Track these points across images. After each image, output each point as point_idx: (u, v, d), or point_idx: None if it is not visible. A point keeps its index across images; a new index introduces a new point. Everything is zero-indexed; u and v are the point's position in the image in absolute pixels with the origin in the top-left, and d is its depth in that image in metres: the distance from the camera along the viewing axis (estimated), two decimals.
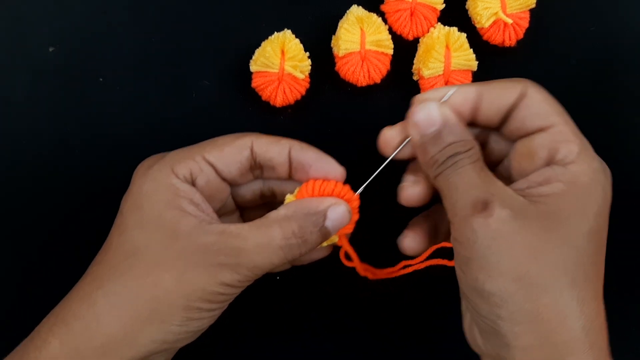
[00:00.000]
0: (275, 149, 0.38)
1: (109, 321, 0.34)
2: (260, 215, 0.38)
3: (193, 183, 0.37)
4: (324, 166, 0.38)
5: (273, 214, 0.36)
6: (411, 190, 0.37)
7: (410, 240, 0.38)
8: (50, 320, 0.35)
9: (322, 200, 0.37)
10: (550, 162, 0.34)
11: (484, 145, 0.38)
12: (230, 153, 0.37)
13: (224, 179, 0.38)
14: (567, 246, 0.32)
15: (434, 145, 0.35)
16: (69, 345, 0.34)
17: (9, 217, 0.45)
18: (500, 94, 0.35)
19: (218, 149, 0.37)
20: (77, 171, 0.45)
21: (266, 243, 0.35)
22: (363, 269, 0.40)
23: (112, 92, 0.46)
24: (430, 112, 0.35)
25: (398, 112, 0.46)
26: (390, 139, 0.38)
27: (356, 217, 0.39)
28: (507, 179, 0.36)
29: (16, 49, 0.46)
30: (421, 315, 0.44)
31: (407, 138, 0.37)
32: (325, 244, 0.38)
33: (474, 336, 0.35)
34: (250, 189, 0.40)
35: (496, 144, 0.38)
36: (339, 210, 0.37)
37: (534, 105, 0.35)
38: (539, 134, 0.35)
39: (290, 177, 0.39)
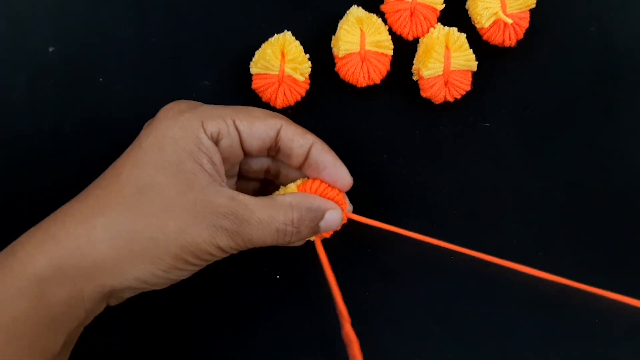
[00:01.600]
0: (299, 141, 0.39)
1: (104, 248, 0.35)
2: (252, 188, 0.43)
3: (217, 142, 0.38)
4: (337, 173, 0.40)
5: (280, 198, 0.38)
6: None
7: None
8: (37, 236, 0.36)
9: (325, 202, 0.39)
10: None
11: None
12: (260, 128, 0.38)
13: (242, 148, 0.39)
14: None
15: None
16: (56, 263, 0.35)
17: (9, 217, 0.45)
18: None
19: (249, 120, 0.38)
20: (77, 171, 0.45)
21: (267, 222, 0.37)
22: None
23: (112, 92, 0.46)
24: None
25: (398, 112, 0.46)
26: None
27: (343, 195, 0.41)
28: None
29: (16, 49, 0.46)
30: (421, 316, 0.44)
31: None
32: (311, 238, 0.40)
33: None
34: (260, 162, 0.42)
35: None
36: (335, 215, 0.39)
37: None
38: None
39: (299, 168, 0.40)
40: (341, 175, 0.40)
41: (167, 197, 0.35)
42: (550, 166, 0.46)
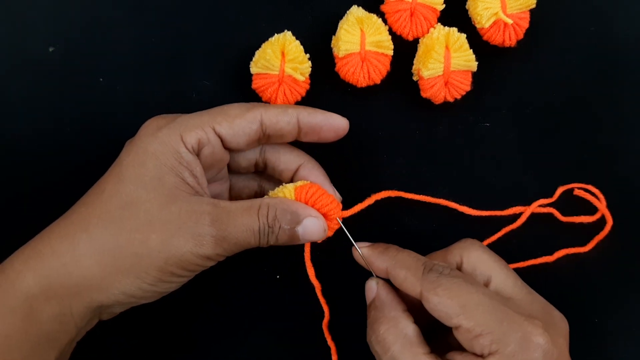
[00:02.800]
0: (284, 119, 0.39)
1: (89, 264, 0.35)
2: (248, 192, 0.43)
3: (198, 152, 0.38)
4: (333, 124, 0.40)
5: (258, 200, 0.38)
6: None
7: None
8: (25, 253, 0.36)
9: (305, 209, 0.39)
10: (475, 353, 0.35)
11: None
12: (241, 126, 0.38)
13: (229, 148, 0.39)
14: None
15: (371, 310, 0.39)
16: (43, 280, 0.35)
17: (9, 217, 0.45)
18: (403, 285, 0.38)
19: (229, 122, 0.38)
20: (77, 171, 0.45)
21: (249, 224, 0.37)
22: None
23: (112, 92, 0.46)
24: (369, 287, 0.40)
25: (398, 112, 0.46)
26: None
27: (336, 226, 0.41)
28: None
29: (16, 49, 0.46)
30: None
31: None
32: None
33: None
34: (246, 158, 0.42)
35: None
36: (315, 224, 0.39)
37: (434, 309, 0.36)
38: (455, 330, 0.36)
39: (298, 139, 0.41)
40: (338, 123, 0.41)
41: (149, 212, 0.36)
42: (550, 166, 0.46)
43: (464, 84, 0.44)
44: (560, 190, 0.45)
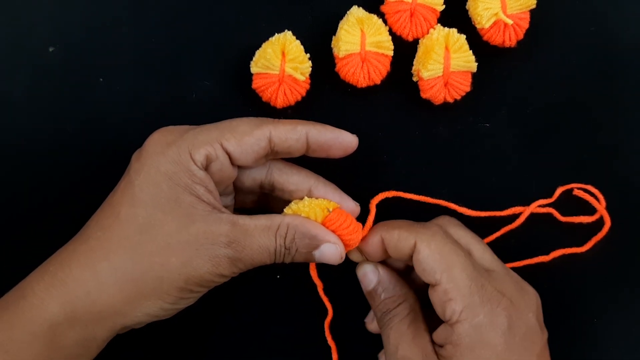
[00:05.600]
0: (293, 137, 0.39)
1: (113, 292, 0.36)
2: (251, 200, 0.43)
3: (207, 167, 0.38)
4: (343, 142, 0.40)
5: (278, 218, 0.38)
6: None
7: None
8: (45, 280, 0.36)
9: (326, 234, 0.38)
10: (444, 319, 0.37)
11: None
12: (249, 143, 0.38)
13: (236, 165, 0.39)
14: None
15: (373, 300, 0.40)
16: (67, 308, 0.36)
17: (9, 217, 0.45)
18: (396, 245, 0.38)
19: (237, 139, 0.38)
20: (77, 171, 0.46)
21: (266, 245, 0.37)
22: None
23: (112, 92, 0.46)
24: (367, 272, 0.41)
25: (398, 113, 0.46)
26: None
27: (358, 234, 0.40)
28: None
29: (16, 49, 0.46)
30: None
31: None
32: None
33: None
34: (251, 177, 0.41)
35: None
36: (333, 250, 0.38)
37: (422, 261, 0.37)
38: (432, 289, 0.37)
39: (305, 155, 0.41)
40: (348, 141, 0.40)
41: (168, 234, 0.36)
42: (550, 166, 0.46)
43: (464, 84, 0.44)
44: (559, 190, 0.45)
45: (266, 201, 0.43)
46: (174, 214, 0.36)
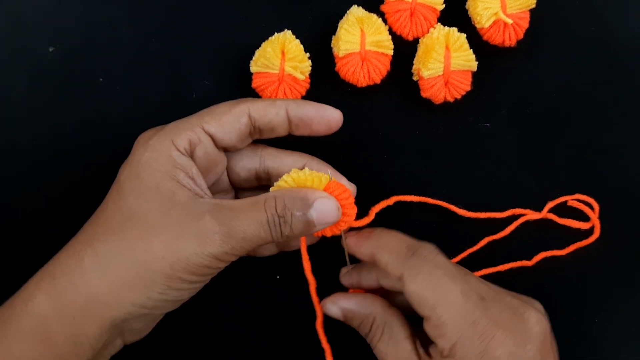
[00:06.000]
0: (272, 111, 0.39)
1: (95, 280, 0.35)
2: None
3: (192, 154, 0.38)
4: (324, 116, 0.40)
5: (263, 195, 0.37)
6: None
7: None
8: (38, 276, 0.36)
9: (313, 192, 0.37)
10: (438, 348, 0.36)
11: None
12: (229, 122, 0.38)
13: (222, 148, 0.39)
14: None
15: (352, 322, 0.40)
16: (55, 300, 0.35)
17: (9, 217, 0.45)
18: (386, 268, 0.38)
19: (217, 119, 0.38)
20: (76, 171, 0.46)
21: (255, 216, 0.36)
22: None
23: (112, 92, 0.46)
24: (329, 307, 0.41)
25: (398, 112, 0.46)
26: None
27: (354, 210, 0.39)
28: None
29: (16, 49, 0.46)
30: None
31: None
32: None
33: None
34: (246, 168, 0.41)
35: None
36: (327, 204, 0.37)
37: (410, 294, 0.36)
38: (424, 321, 0.36)
39: (291, 133, 0.40)
40: (330, 115, 0.40)
41: (150, 220, 0.35)
42: (550, 166, 0.46)
43: (464, 83, 0.44)
44: (549, 205, 0.45)
45: None
46: (156, 200, 0.36)
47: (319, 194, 0.37)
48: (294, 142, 0.42)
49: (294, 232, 0.37)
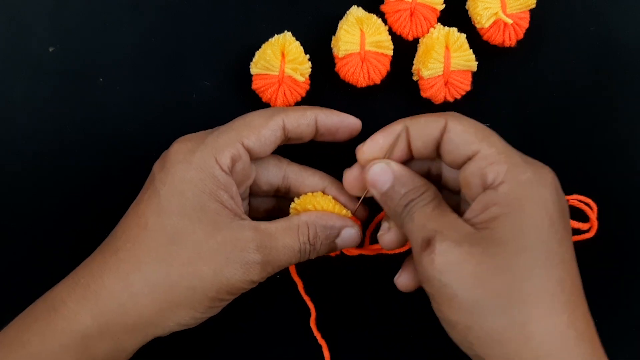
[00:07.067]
0: (304, 122, 0.40)
1: (146, 303, 0.36)
2: (265, 208, 0.43)
3: (231, 170, 0.38)
4: (349, 125, 0.41)
5: (295, 219, 0.39)
6: (387, 237, 0.39)
7: (404, 279, 0.39)
8: (77, 292, 0.36)
9: (342, 220, 0.40)
10: (484, 187, 0.35)
11: (440, 176, 0.39)
12: (266, 135, 0.39)
13: (254, 160, 0.40)
14: (507, 272, 0.32)
15: (391, 200, 0.37)
16: (101, 320, 0.36)
17: (9, 217, 0.45)
18: (423, 130, 0.37)
19: (255, 134, 0.38)
20: (76, 171, 0.46)
21: (290, 245, 0.38)
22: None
23: (112, 92, 0.46)
24: (381, 171, 0.38)
25: (398, 112, 0.46)
26: (353, 180, 0.40)
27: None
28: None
29: (16, 49, 0.46)
30: (419, 317, 0.44)
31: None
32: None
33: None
34: (269, 182, 0.42)
35: (449, 172, 0.39)
36: (352, 233, 0.40)
37: (456, 137, 0.36)
38: (468, 163, 0.36)
39: (313, 139, 0.41)
40: (352, 124, 0.41)
41: (197, 243, 0.36)
42: (550, 166, 0.46)
43: (464, 83, 0.44)
44: None
45: (278, 211, 0.43)
46: (201, 222, 0.36)
47: (346, 223, 0.40)
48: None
49: (317, 255, 0.39)
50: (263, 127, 0.38)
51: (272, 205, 0.43)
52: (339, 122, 0.41)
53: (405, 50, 0.45)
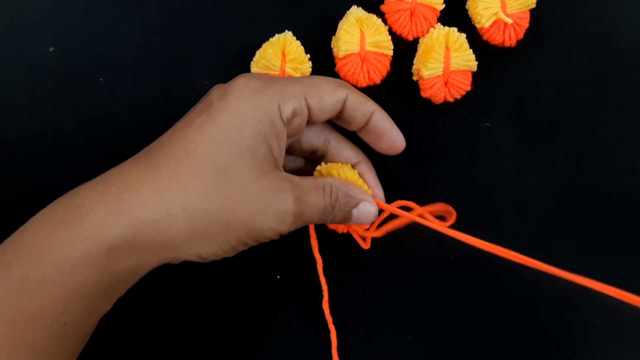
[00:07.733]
0: (362, 110, 0.40)
1: (179, 227, 0.35)
2: (294, 163, 0.43)
3: (289, 122, 0.38)
4: (395, 139, 0.42)
5: (322, 180, 0.39)
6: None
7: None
8: (108, 200, 0.35)
9: (364, 193, 0.40)
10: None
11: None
12: (329, 102, 0.39)
13: (310, 122, 0.39)
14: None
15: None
16: (129, 233, 0.34)
17: (9, 217, 0.45)
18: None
19: (320, 95, 0.38)
20: (77, 171, 0.45)
21: (318, 202, 0.38)
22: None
23: (112, 92, 0.46)
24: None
25: (398, 112, 0.46)
26: None
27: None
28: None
29: (16, 49, 0.46)
30: (419, 314, 0.44)
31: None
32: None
33: None
34: (311, 143, 0.42)
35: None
36: (370, 208, 0.40)
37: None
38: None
39: (354, 131, 0.42)
40: (398, 141, 0.42)
41: (243, 183, 0.36)
42: (550, 166, 0.46)
43: (464, 83, 0.44)
44: None
45: (305, 172, 0.43)
46: (252, 162, 0.36)
47: (366, 197, 0.40)
48: None
49: (333, 221, 0.39)
50: (328, 92, 0.39)
51: (299, 165, 0.44)
52: (388, 130, 0.41)
53: (405, 50, 0.45)
